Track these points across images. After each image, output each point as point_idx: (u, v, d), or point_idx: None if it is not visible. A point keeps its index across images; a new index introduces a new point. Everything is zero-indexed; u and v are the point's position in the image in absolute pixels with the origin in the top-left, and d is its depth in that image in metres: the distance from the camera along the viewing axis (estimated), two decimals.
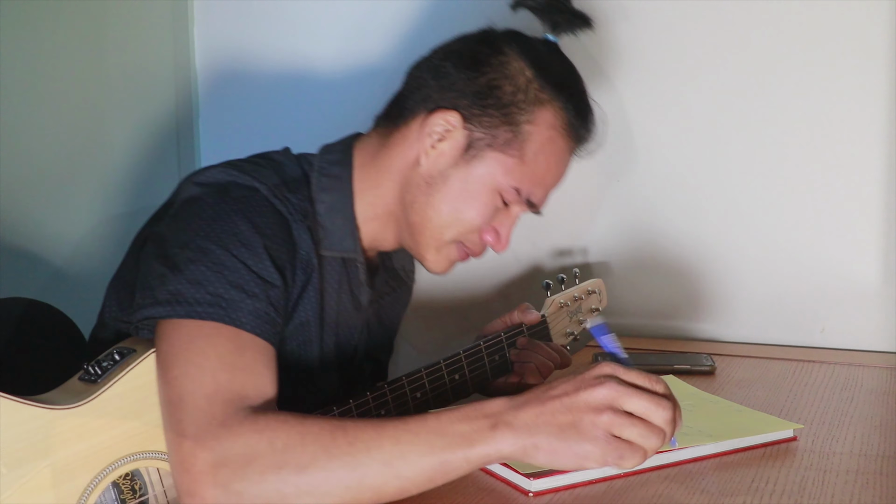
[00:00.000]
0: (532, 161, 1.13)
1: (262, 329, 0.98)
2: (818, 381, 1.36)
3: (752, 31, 1.57)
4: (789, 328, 1.60)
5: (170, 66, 1.89)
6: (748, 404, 1.21)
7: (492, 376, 1.29)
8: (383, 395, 1.16)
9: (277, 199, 1.07)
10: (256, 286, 0.99)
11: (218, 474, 0.86)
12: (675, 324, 1.67)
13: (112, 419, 0.98)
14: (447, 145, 1.12)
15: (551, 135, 1.13)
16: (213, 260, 0.99)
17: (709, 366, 1.41)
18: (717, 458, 1.05)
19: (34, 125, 1.68)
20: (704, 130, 1.62)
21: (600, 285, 1.48)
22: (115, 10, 1.80)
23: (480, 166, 1.12)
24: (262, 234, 1.03)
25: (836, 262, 1.57)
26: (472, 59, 1.12)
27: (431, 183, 1.12)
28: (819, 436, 1.12)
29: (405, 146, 1.14)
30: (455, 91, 1.11)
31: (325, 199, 1.13)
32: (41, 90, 1.68)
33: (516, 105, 1.11)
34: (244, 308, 0.97)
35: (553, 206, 1.71)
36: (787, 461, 1.04)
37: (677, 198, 1.64)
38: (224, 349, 0.94)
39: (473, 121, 1.11)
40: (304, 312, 1.12)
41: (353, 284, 1.17)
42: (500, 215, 1.16)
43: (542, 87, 1.12)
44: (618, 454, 0.85)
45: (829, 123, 1.55)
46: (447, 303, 1.82)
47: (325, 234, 1.13)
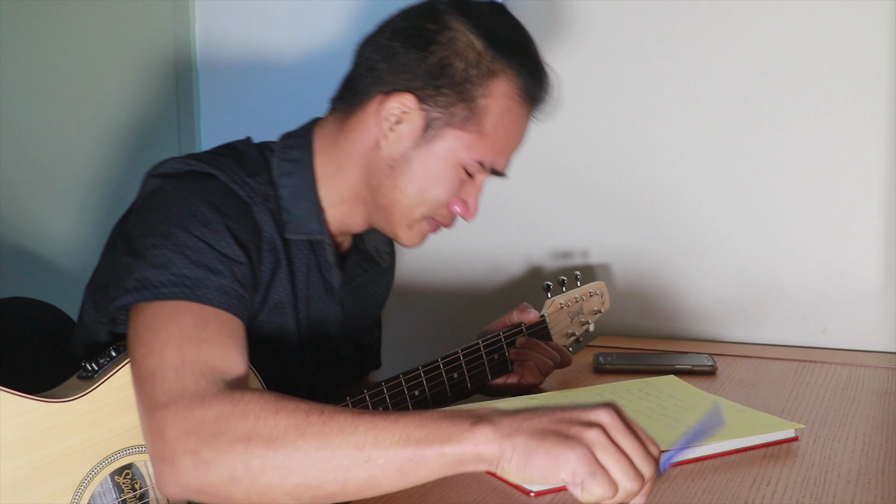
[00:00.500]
0: (492, 133, 1.13)
1: (229, 304, 0.99)
2: (819, 382, 1.36)
3: (753, 32, 1.57)
4: (790, 328, 1.60)
5: (171, 65, 1.89)
6: (749, 404, 1.21)
7: (491, 375, 1.29)
8: (380, 392, 1.16)
9: (236, 185, 1.08)
10: (220, 263, 1.00)
11: (189, 441, 0.86)
12: (676, 324, 1.67)
13: (107, 413, 0.99)
14: (405, 128, 1.12)
15: (508, 104, 1.13)
16: (175, 242, 1.00)
17: (710, 366, 1.41)
18: (718, 458, 1.05)
19: (34, 125, 1.67)
20: (706, 131, 1.62)
21: (602, 288, 1.48)
22: (115, 8, 1.80)
23: (441, 145, 1.12)
24: (222, 214, 1.04)
25: (838, 263, 1.57)
26: (419, 39, 1.11)
27: (394, 166, 1.13)
28: (820, 436, 1.12)
29: (363, 131, 1.14)
30: (407, 73, 1.11)
31: (288, 184, 1.14)
32: (40, 90, 1.68)
33: (469, 81, 1.11)
34: (209, 285, 0.98)
35: (554, 208, 1.73)
36: (788, 461, 1.04)
37: (678, 198, 1.64)
38: (187, 324, 0.95)
39: (429, 101, 1.11)
40: (277, 294, 1.12)
41: (323, 267, 1.18)
42: (466, 186, 1.16)
43: (493, 58, 1.12)
44: (590, 471, 0.80)
45: (831, 124, 1.55)
46: (448, 306, 1.82)
47: (290, 218, 1.14)
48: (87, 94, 1.76)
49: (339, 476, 0.84)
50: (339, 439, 0.84)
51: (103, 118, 1.78)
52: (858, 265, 1.56)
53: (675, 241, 1.66)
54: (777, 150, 1.58)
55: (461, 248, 1.80)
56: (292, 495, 0.85)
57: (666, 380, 1.30)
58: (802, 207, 1.58)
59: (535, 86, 1.15)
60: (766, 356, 1.51)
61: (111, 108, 1.80)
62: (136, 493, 1.00)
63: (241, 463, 0.85)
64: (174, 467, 0.86)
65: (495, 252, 1.77)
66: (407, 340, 1.84)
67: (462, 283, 1.80)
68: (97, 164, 1.76)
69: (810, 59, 1.54)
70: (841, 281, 1.57)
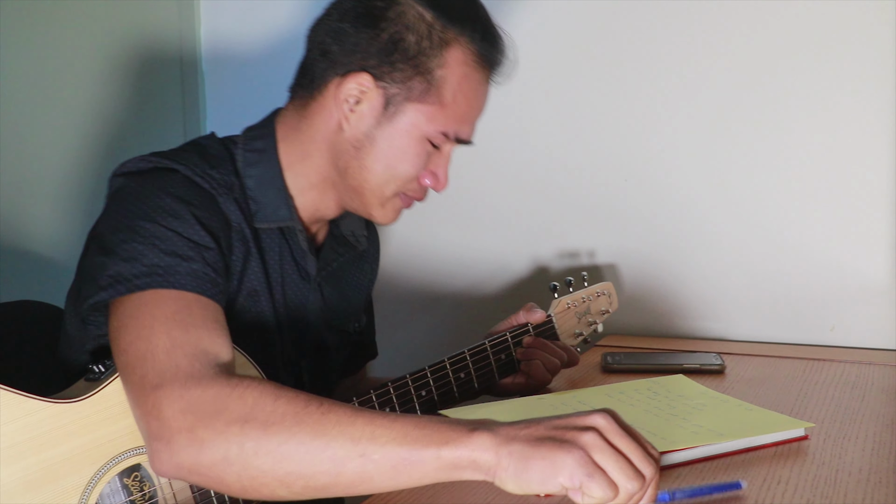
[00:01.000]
0: (452, 103, 1.13)
1: (204, 288, 0.99)
2: (828, 380, 1.35)
3: (760, 33, 1.57)
4: (799, 327, 1.59)
5: (176, 62, 1.88)
6: (758, 403, 1.20)
7: (498, 375, 1.29)
8: (387, 392, 1.16)
9: (199, 177, 1.09)
10: (190, 250, 1.01)
11: (186, 419, 0.86)
12: (684, 322, 1.66)
13: (114, 413, 0.99)
14: (365, 107, 1.12)
15: (465, 71, 1.13)
16: (143, 235, 1.01)
17: (718, 365, 1.40)
18: (728, 457, 1.04)
19: (36, 125, 1.67)
20: (713, 131, 1.61)
21: (610, 288, 1.47)
22: (120, 5, 1.80)
23: (403, 120, 1.12)
24: (187, 203, 1.05)
25: (846, 260, 1.56)
26: (368, 17, 1.11)
27: (359, 147, 1.13)
28: (830, 434, 1.11)
29: (324, 115, 1.14)
30: (360, 52, 1.11)
31: (253, 174, 1.15)
32: (43, 89, 1.68)
33: (423, 53, 1.11)
34: (181, 271, 0.98)
35: (561, 208, 1.72)
36: (798, 460, 1.04)
37: (685, 197, 1.64)
38: (171, 309, 0.95)
39: (385, 78, 1.11)
40: (251, 282, 1.13)
41: (297, 254, 1.18)
42: (434, 157, 1.17)
43: (444, 27, 1.12)
44: (587, 473, 0.79)
45: (838, 123, 1.54)
46: (454, 306, 1.81)
47: (258, 208, 1.14)
48: (91, 93, 1.76)
49: (332, 468, 0.83)
50: (336, 430, 0.84)
51: (108, 117, 1.78)
52: (866, 263, 1.55)
53: (682, 240, 1.65)
54: (784, 149, 1.58)
55: (468, 248, 1.79)
56: (283, 482, 0.84)
57: (674, 379, 1.30)
58: (810, 206, 1.57)
59: (489, 50, 1.15)
60: (774, 355, 1.51)
61: (116, 106, 1.80)
62: (146, 494, 1.00)
63: (235, 444, 0.84)
64: (169, 445, 0.86)
65: (502, 252, 1.77)
66: (413, 341, 1.84)
67: (468, 284, 1.80)
68: (101, 164, 1.76)
69: (817, 59, 1.54)
70: (849, 279, 1.56)
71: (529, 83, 1.71)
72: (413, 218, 1.82)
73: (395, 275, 1.85)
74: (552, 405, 1.19)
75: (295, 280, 1.18)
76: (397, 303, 1.85)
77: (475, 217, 1.78)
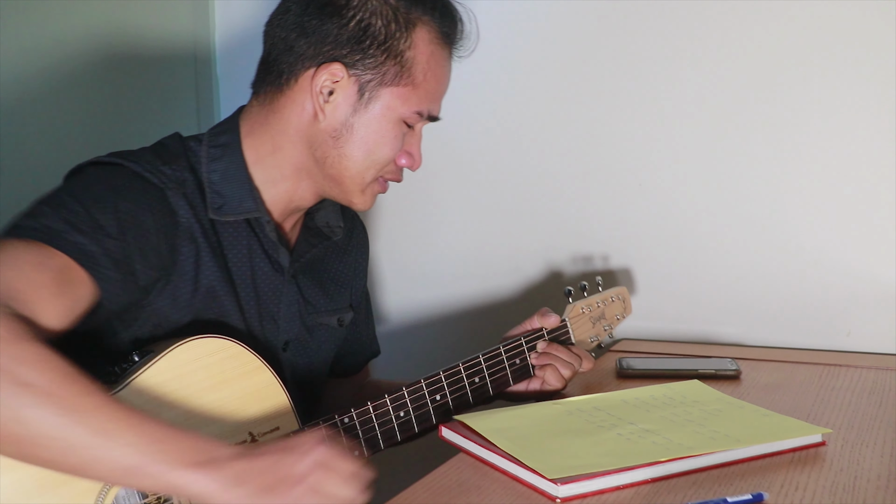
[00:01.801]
0: (423, 82, 1.16)
1: (82, 261, 0.98)
2: (845, 385, 1.35)
3: (771, 37, 1.56)
4: (815, 332, 1.58)
5: (190, 57, 1.89)
6: (775, 409, 1.20)
7: (513, 380, 1.28)
8: (401, 396, 1.17)
9: (149, 173, 1.10)
10: (89, 227, 1.00)
11: None
12: (699, 327, 1.66)
13: None
14: (340, 96, 1.14)
15: (432, 49, 1.16)
16: (57, 203, 1.02)
17: (734, 370, 1.40)
18: (745, 463, 1.04)
19: (45, 126, 1.68)
20: (727, 136, 1.61)
21: (624, 293, 1.47)
22: (134, 6, 1.80)
23: (379, 105, 1.14)
24: (118, 196, 1.05)
25: (862, 265, 1.55)
26: (331, 6, 1.13)
27: (337, 136, 1.15)
28: (848, 440, 1.11)
29: (295, 108, 1.15)
30: (329, 43, 1.13)
31: (217, 168, 1.16)
32: (53, 91, 1.69)
33: (392, 37, 1.13)
34: (68, 238, 0.98)
35: (574, 211, 1.72)
36: (816, 466, 1.03)
37: (699, 202, 1.64)
38: (27, 259, 0.94)
39: (358, 66, 1.13)
40: (207, 279, 1.13)
41: (267, 246, 1.19)
42: (408, 138, 1.19)
43: (408, 9, 1.14)
44: None
45: (851, 126, 1.53)
46: (468, 311, 1.81)
47: (223, 201, 1.15)
48: (105, 94, 1.76)
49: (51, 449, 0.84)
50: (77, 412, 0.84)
51: (122, 117, 1.79)
52: (883, 268, 1.54)
53: (696, 244, 1.65)
54: (799, 154, 1.57)
55: (481, 253, 1.79)
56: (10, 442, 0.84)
57: (690, 384, 1.30)
58: (825, 210, 1.57)
59: (450, 26, 1.18)
60: (790, 360, 1.50)
61: (130, 107, 1.80)
62: (161, 496, 1.01)
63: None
64: None
65: (516, 256, 1.77)
66: (426, 346, 1.84)
67: (482, 289, 1.80)
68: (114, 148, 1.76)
69: (829, 63, 1.53)
70: (865, 283, 1.55)
71: (543, 87, 1.71)
72: (427, 221, 1.83)
73: (408, 279, 1.85)
74: (568, 411, 1.19)
75: (267, 272, 1.19)
76: (410, 307, 1.86)
77: (489, 221, 1.79)
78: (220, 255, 1.14)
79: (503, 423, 1.14)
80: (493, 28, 1.71)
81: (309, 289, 1.26)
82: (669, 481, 1.00)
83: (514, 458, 1.03)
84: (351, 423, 1.12)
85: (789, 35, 1.55)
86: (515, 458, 1.03)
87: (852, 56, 1.52)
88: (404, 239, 1.85)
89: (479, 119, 1.76)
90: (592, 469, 0.99)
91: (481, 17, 1.73)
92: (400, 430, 1.16)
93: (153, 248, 1.07)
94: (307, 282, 1.26)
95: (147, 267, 1.05)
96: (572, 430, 1.12)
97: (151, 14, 1.83)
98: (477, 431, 1.11)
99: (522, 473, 1.01)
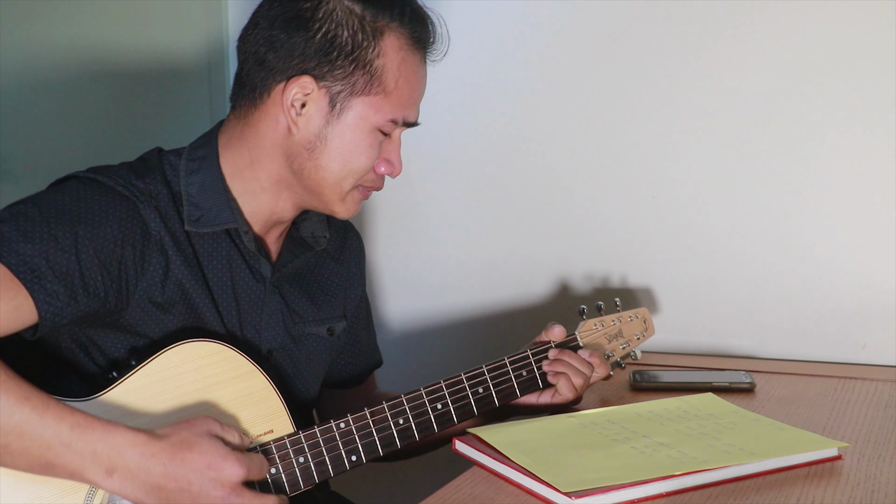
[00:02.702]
0: (395, 89, 1.16)
1: (19, 270, 0.99)
2: (861, 399, 1.34)
3: (783, 53, 1.56)
4: (830, 344, 1.57)
5: (203, 55, 1.89)
6: (790, 422, 1.19)
7: (520, 392, 1.28)
8: (400, 404, 1.17)
9: (121, 187, 1.12)
10: (41, 238, 1.02)
11: None
12: (713, 340, 1.65)
13: (121, 414, 1.02)
14: (311, 109, 1.14)
15: (402, 56, 1.16)
16: (19, 211, 1.04)
17: (748, 383, 1.39)
18: (760, 477, 1.04)
19: (54, 133, 1.69)
20: (739, 149, 1.61)
21: (645, 313, 1.44)
22: (146, 10, 1.81)
23: (351, 115, 1.15)
24: (83, 209, 1.07)
25: (877, 278, 1.54)
26: (298, 20, 1.13)
27: (312, 148, 1.15)
28: (864, 455, 1.10)
29: (270, 122, 1.16)
30: (297, 56, 1.13)
31: (195, 181, 1.17)
32: (62, 98, 1.70)
33: (359, 46, 1.13)
34: (14, 248, 1.00)
35: (585, 223, 1.72)
36: (832, 480, 1.03)
37: (714, 213, 1.63)
38: None
39: (327, 77, 1.14)
40: (178, 289, 1.13)
41: (248, 256, 1.20)
42: (385, 145, 1.19)
43: (374, 17, 1.14)
44: None
45: (867, 140, 1.53)
46: (478, 330, 1.80)
47: (201, 213, 1.16)
48: (119, 100, 1.77)
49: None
50: None
51: (134, 124, 1.79)
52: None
53: (710, 257, 1.64)
54: (813, 165, 1.57)
55: (488, 264, 1.79)
56: None
57: (704, 398, 1.29)
58: (840, 222, 1.56)
59: (421, 31, 1.18)
60: (805, 373, 1.49)
61: (142, 113, 1.81)
62: None
63: None
64: None
65: (523, 269, 1.76)
66: (432, 361, 1.82)
67: (488, 301, 1.79)
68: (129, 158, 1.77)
69: (845, 75, 1.53)
70: (880, 296, 1.55)
71: (556, 102, 1.71)
72: (436, 234, 1.83)
73: (417, 294, 1.84)
74: (582, 424, 1.18)
75: (247, 282, 1.20)
76: (418, 321, 1.85)
77: (496, 231, 1.78)
78: (195, 266, 1.15)
79: (517, 436, 1.14)
80: (507, 32, 1.71)
81: (295, 298, 1.26)
82: (684, 495, 0.99)
83: (528, 471, 1.03)
84: (347, 429, 1.13)
85: (810, 50, 1.55)
86: (529, 471, 1.03)
87: (872, 69, 1.52)
88: (414, 252, 1.84)
89: (487, 125, 1.75)
90: (606, 482, 0.98)
91: (497, 20, 1.74)
92: (399, 437, 1.16)
93: (117, 260, 1.08)
94: (293, 291, 1.26)
95: (109, 278, 1.07)
96: (586, 443, 1.11)
97: (166, 23, 1.84)
98: (491, 444, 1.11)
99: (536, 487, 1.01)
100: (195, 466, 0.98)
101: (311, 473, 1.10)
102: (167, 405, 1.05)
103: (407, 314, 1.86)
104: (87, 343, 1.11)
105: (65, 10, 1.68)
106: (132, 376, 1.04)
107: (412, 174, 1.33)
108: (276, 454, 1.09)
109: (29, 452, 0.94)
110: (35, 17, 1.62)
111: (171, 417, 1.04)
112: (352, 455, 1.12)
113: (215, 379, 1.08)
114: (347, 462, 1.12)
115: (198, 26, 1.89)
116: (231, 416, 1.08)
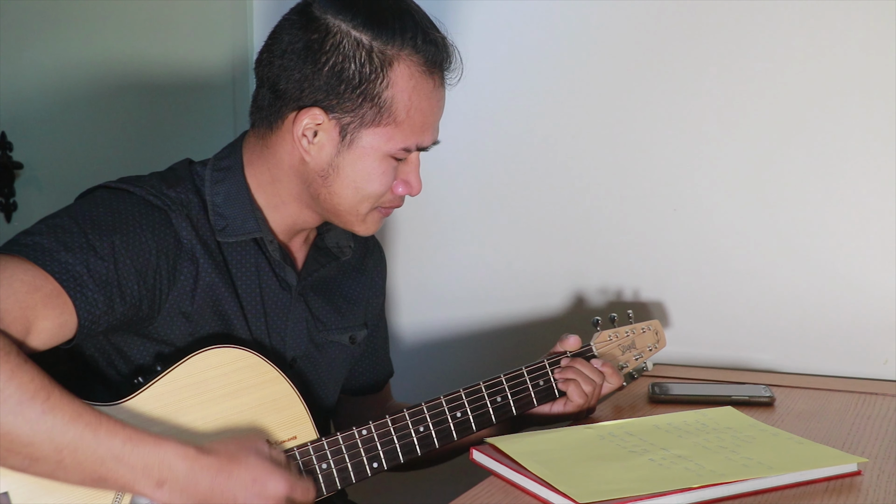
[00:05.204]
0: (407, 118, 1.15)
1: (63, 279, 1.00)
2: (882, 414, 1.33)
3: (814, 64, 1.56)
4: (851, 359, 1.56)
5: (228, 83, 1.91)
6: (809, 437, 1.19)
7: (537, 401, 1.28)
8: (420, 412, 1.18)
9: (153, 196, 1.13)
10: (79, 247, 1.03)
11: None
12: (733, 353, 1.64)
13: (147, 419, 1.03)
14: (323, 138, 1.15)
15: (413, 84, 1.14)
16: (55, 222, 1.06)
17: (767, 397, 1.38)
18: (779, 492, 1.03)
19: (75, 144, 1.71)
20: (760, 162, 1.60)
21: (657, 326, 1.45)
22: (172, 7, 1.82)
23: (361, 145, 1.15)
24: (117, 219, 1.08)
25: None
26: (307, 51, 1.13)
27: (325, 175, 1.16)
28: (885, 471, 1.09)
29: (285, 147, 1.17)
30: (307, 87, 1.13)
31: (220, 190, 1.19)
32: (91, 109, 1.72)
33: (367, 80, 1.12)
34: (56, 257, 1.01)
35: (603, 236, 1.72)
36: (851, 496, 1.02)
37: (734, 226, 1.63)
38: (21, 278, 0.98)
39: (336, 109, 1.13)
40: (207, 297, 1.14)
41: (275, 265, 1.21)
42: (402, 167, 1.19)
43: (383, 47, 1.12)
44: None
45: (888, 152, 1.52)
46: (488, 336, 1.80)
47: (227, 223, 1.17)
48: (145, 110, 1.79)
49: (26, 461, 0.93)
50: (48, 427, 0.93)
51: (161, 135, 1.81)
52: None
53: (730, 269, 1.64)
54: (835, 179, 1.56)
55: (508, 281, 1.79)
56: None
57: (723, 411, 1.29)
58: (862, 237, 1.55)
59: (433, 54, 1.15)
60: (825, 388, 1.48)
61: (169, 125, 1.83)
62: None
63: None
64: None
65: (539, 281, 1.75)
66: (446, 372, 1.81)
67: (503, 312, 1.79)
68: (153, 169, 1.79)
69: (868, 87, 1.52)
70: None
71: (576, 115, 1.71)
72: (454, 247, 1.83)
73: (435, 305, 1.84)
74: (600, 435, 1.18)
75: (274, 290, 1.21)
76: (436, 332, 1.85)
77: (513, 243, 1.78)
78: (225, 273, 1.17)
79: (534, 446, 1.14)
80: (527, 42, 1.72)
81: (319, 306, 1.27)
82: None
83: (545, 481, 1.03)
84: (369, 435, 1.13)
85: (836, 63, 1.55)
86: (546, 481, 1.03)
87: (875, 68, 1.51)
88: (424, 259, 1.84)
89: (505, 139, 1.75)
90: (623, 494, 0.98)
91: (518, 30, 1.74)
92: (420, 444, 1.17)
93: (152, 269, 1.09)
94: (318, 300, 1.27)
95: (144, 287, 1.08)
96: (604, 454, 1.11)
97: (190, 37, 1.87)
98: (508, 454, 1.11)
99: (553, 497, 1.01)
100: (241, 480, 0.99)
101: (334, 479, 1.11)
102: (192, 411, 1.06)
103: (424, 325, 1.86)
104: (111, 351, 1.12)
105: (93, 24, 1.70)
106: (158, 382, 1.05)
107: (429, 187, 1.34)
108: (300, 460, 1.09)
109: (83, 467, 0.94)
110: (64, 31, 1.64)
111: (196, 421, 1.05)
112: (373, 462, 1.13)
113: (240, 385, 1.09)
114: (369, 469, 1.13)
115: (223, 41, 1.91)
116: (255, 421, 1.09)
